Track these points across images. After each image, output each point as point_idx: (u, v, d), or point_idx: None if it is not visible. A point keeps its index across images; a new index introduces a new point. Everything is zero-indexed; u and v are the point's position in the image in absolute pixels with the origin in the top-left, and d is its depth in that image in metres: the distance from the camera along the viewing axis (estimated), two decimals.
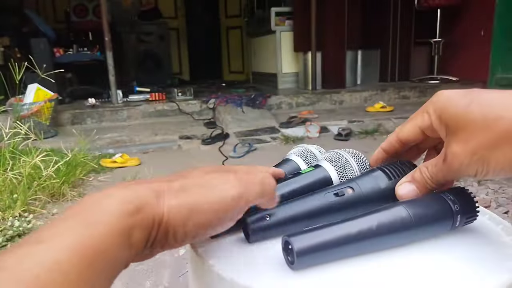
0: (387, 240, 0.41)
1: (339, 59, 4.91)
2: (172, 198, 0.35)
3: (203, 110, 4.38)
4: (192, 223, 0.35)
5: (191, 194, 0.35)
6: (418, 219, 0.41)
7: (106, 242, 0.29)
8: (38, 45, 4.44)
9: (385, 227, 0.40)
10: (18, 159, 2.24)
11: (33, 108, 3.43)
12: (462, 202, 0.43)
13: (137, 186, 0.34)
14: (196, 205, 0.35)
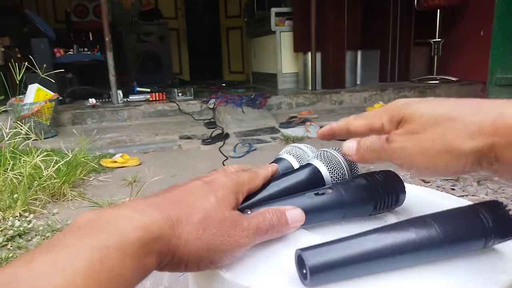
0: (410, 258, 0.38)
1: (339, 59, 4.91)
2: (191, 235, 0.36)
3: (203, 110, 4.39)
4: (207, 261, 0.37)
5: (210, 234, 0.37)
6: (447, 236, 0.38)
7: (120, 267, 0.30)
8: (38, 45, 4.45)
9: (410, 244, 0.37)
10: (19, 159, 2.24)
11: (33, 108, 3.43)
12: (497, 219, 0.39)
13: (154, 211, 0.35)
14: (214, 246, 0.37)
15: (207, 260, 0.37)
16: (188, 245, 0.35)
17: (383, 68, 5.44)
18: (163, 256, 0.34)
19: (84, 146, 2.59)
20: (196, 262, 0.36)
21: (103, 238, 0.30)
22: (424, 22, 5.29)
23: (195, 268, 0.37)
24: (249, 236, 0.39)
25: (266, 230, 0.41)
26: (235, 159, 2.92)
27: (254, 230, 0.40)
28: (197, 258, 0.36)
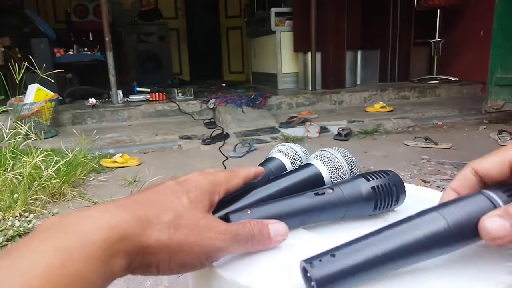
0: (420, 256, 0.36)
1: (338, 59, 4.91)
2: (162, 234, 0.34)
3: (203, 110, 4.39)
4: (178, 262, 0.35)
5: (182, 234, 0.35)
6: (458, 230, 0.36)
7: (82, 270, 0.28)
8: (38, 45, 4.44)
9: (418, 242, 0.36)
10: (19, 159, 2.24)
11: (33, 108, 3.42)
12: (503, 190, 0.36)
13: (122, 211, 0.33)
14: (185, 247, 0.35)
15: (179, 262, 0.36)
16: (159, 245, 0.34)
17: (383, 68, 5.44)
18: (132, 257, 0.32)
19: (84, 146, 2.59)
20: (167, 263, 0.35)
21: (66, 240, 0.29)
22: (424, 22, 5.30)
23: (167, 270, 0.36)
24: (226, 240, 0.38)
25: (246, 238, 0.39)
26: (235, 159, 2.92)
27: (232, 236, 0.38)
28: (168, 259, 0.35)
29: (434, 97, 4.91)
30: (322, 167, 0.51)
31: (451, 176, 2.31)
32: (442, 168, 2.48)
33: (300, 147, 0.58)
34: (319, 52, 4.89)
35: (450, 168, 2.46)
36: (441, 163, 2.58)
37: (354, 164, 0.53)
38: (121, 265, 0.32)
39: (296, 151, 0.57)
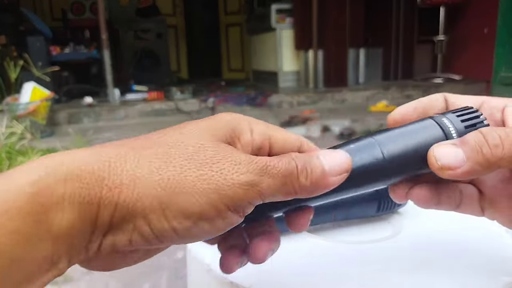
0: (354, 188, 0.31)
1: (341, 57, 4.92)
2: (142, 168, 0.24)
3: (202, 110, 4.36)
4: (177, 208, 0.24)
5: (175, 166, 0.25)
6: (395, 162, 0.30)
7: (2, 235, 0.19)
8: (34, 43, 4.44)
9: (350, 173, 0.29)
10: (15, 159, 2.23)
11: (29, 108, 3.40)
12: (462, 124, 0.31)
13: (82, 150, 0.24)
14: (183, 182, 0.24)
15: (179, 210, 0.24)
16: (138, 184, 0.23)
17: (386, 66, 5.45)
18: (92, 209, 0.22)
19: (80, 145, 2.54)
20: (158, 212, 0.23)
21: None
22: (427, 20, 5.29)
23: (161, 229, 0.24)
24: (249, 172, 0.26)
25: (283, 173, 0.27)
26: None
27: (260, 167, 0.26)
28: (159, 206, 0.23)
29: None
30: None
31: None
32: None
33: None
34: (320, 49, 4.89)
35: None
36: None
37: None
38: (74, 224, 0.22)
39: None
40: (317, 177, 0.28)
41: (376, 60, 5.43)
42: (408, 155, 0.30)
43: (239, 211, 0.26)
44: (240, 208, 0.26)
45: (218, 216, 0.25)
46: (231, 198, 0.25)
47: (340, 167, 0.28)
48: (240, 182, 0.25)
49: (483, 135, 0.28)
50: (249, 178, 0.26)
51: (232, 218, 0.26)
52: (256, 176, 0.26)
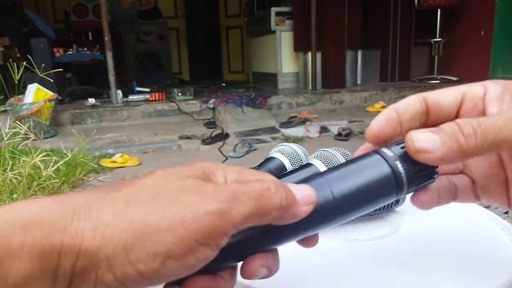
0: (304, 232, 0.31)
1: (339, 59, 4.90)
2: (106, 212, 0.23)
3: (203, 110, 4.38)
4: (141, 249, 0.23)
5: (140, 206, 0.24)
6: (343, 203, 0.30)
7: None
8: (38, 45, 4.43)
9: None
10: (18, 159, 2.23)
11: (33, 108, 3.42)
12: (408, 157, 0.31)
13: (45, 199, 0.24)
14: (147, 221, 0.23)
15: (140, 252, 0.23)
16: (101, 230, 0.22)
17: (384, 67, 5.44)
18: (53, 258, 0.21)
19: (83, 146, 2.58)
20: (122, 257, 0.22)
21: None
22: (424, 22, 5.29)
23: (126, 275, 0.23)
24: (216, 201, 0.25)
25: (256, 196, 0.26)
26: (235, 159, 2.91)
27: (228, 195, 0.25)
28: (119, 250, 0.22)
29: None
30: (322, 167, 0.50)
31: None
32: None
33: (300, 147, 0.57)
34: (319, 51, 4.88)
35: None
36: None
37: None
38: (27, 272, 0.21)
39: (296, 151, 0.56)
40: (291, 200, 0.28)
41: (374, 62, 5.45)
42: (357, 194, 0.30)
43: (210, 245, 0.25)
44: (211, 241, 0.24)
45: (187, 252, 0.24)
46: (199, 230, 0.24)
47: (308, 198, 0.29)
48: (207, 212, 0.24)
49: (458, 125, 0.29)
50: (216, 207, 0.25)
51: (203, 253, 0.24)
52: (224, 204, 0.25)
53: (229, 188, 0.26)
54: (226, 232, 0.25)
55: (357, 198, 0.30)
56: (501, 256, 0.41)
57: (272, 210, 0.27)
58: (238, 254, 0.29)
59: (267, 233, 0.29)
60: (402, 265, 0.40)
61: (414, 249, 0.43)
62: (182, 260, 0.24)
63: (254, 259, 0.29)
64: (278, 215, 0.27)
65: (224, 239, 0.25)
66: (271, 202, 0.27)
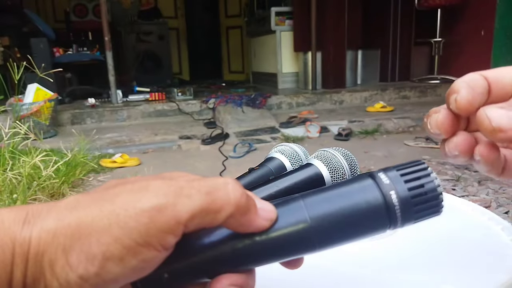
0: (277, 257, 0.29)
1: (339, 59, 4.91)
2: (49, 219, 0.23)
3: (203, 110, 4.38)
4: (80, 254, 0.22)
5: (80, 210, 0.23)
6: (321, 229, 0.27)
7: None
8: (37, 45, 4.43)
9: (274, 243, 0.28)
10: (18, 159, 2.23)
11: (32, 108, 3.42)
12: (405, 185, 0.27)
13: (4, 208, 0.24)
14: (84, 224, 0.22)
15: (78, 252, 0.22)
16: (43, 236, 0.22)
17: (384, 67, 5.44)
18: (7, 267, 0.22)
19: (83, 146, 2.58)
20: (61, 257, 0.22)
21: None
22: (424, 22, 5.29)
23: (67, 274, 0.22)
24: (157, 196, 0.24)
25: (207, 190, 0.25)
26: (235, 159, 2.91)
27: (174, 190, 0.24)
28: (59, 255, 0.22)
29: (435, 97, 4.89)
30: (322, 167, 0.50)
31: (452, 176, 2.30)
32: (443, 168, 2.47)
33: (300, 147, 0.57)
34: (319, 51, 4.88)
35: (451, 168, 2.45)
36: (442, 163, 2.57)
37: (354, 164, 0.52)
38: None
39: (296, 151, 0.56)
40: (251, 204, 0.26)
41: (374, 62, 5.45)
42: (338, 222, 0.27)
43: (153, 244, 0.23)
44: (153, 240, 0.23)
45: (127, 253, 0.22)
46: (135, 229, 0.22)
47: (267, 213, 0.27)
48: (143, 209, 0.23)
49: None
50: (155, 202, 0.23)
51: (146, 254, 0.23)
52: (166, 199, 0.23)
53: (177, 183, 0.25)
54: (170, 229, 0.23)
55: (338, 227, 0.27)
56: (501, 256, 0.41)
57: (227, 205, 0.25)
58: (206, 269, 0.27)
59: (237, 249, 0.27)
60: (402, 265, 0.40)
61: (415, 249, 0.43)
62: (123, 263, 0.22)
63: (222, 278, 0.27)
64: (235, 215, 0.25)
65: (169, 237, 0.23)
66: (226, 197, 0.25)
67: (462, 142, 0.30)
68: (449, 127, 0.31)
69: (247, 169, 0.55)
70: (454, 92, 0.31)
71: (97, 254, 0.22)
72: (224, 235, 0.27)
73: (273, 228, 0.27)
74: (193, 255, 0.27)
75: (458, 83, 0.31)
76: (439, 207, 0.28)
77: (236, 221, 0.26)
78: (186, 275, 0.27)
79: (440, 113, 0.31)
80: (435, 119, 0.31)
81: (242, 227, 0.26)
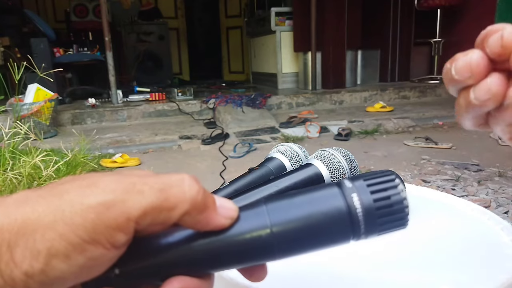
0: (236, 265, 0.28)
1: (339, 59, 4.91)
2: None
3: (203, 110, 4.38)
4: (25, 250, 0.22)
5: (26, 206, 0.23)
6: (282, 236, 0.26)
7: None
8: (38, 45, 4.44)
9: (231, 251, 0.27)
10: (18, 159, 2.23)
11: (33, 108, 3.42)
12: (371, 196, 0.27)
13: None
14: (29, 220, 0.22)
15: (22, 250, 0.22)
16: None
17: (383, 68, 5.44)
18: None
19: (83, 146, 2.58)
20: (3, 263, 0.22)
21: None
22: (424, 22, 5.29)
23: (13, 272, 0.22)
24: (105, 192, 0.23)
25: (160, 186, 0.24)
26: (235, 159, 2.91)
27: (125, 186, 0.24)
28: (4, 252, 0.22)
29: (435, 97, 4.90)
30: (322, 167, 0.50)
31: (451, 177, 2.30)
32: (443, 168, 2.47)
33: (300, 147, 0.58)
34: (319, 51, 4.88)
35: (451, 168, 2.45)
36: (441, 163, 2.57)
37: (354, 164, 0.52)
38: None
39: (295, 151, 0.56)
40: (209, 202, 0.26)
41: (374, 62, 5.45)
42: (301, 229, 0.26)
43: (100, 242, 0.22)
44: (100, 237, 0.22)
45: (73, 250, 0.22)
46: (81, 225, 0.22)
47: (228, 211, 0.27)
48: (90, 205, 0.22)
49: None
50: (102, 198, 0.22)
51: (93, 251, 0.22)
52: (114, 195, 0.23)
53: (129, 179, 0.24)
54: (119, 227, 0.22)
55: (300, 234, 0.26)
56: (501, 256, 0.41)
57: (182, 203, 0.24)
58: (158, 271, 0.26)
59: (193, 251, 0.26)
60: (402, 265, 0.40)
61: (414, 249, 0.43)
62: (69, 260, 0.22)
63: (173, 280, 0.26)
64: (191, 212, 0.25)
65: (118, 235, 0.23)
66: (181, 194, 0.24)
67: (497, 82, 0.28)
68: (484, 68, 0.29)
69: (247, 169, 0.55)
70: (494, 32, 0.29)
71: (41, 250, 0.21)
72: (181, 236, 0.26)
73: (232, 231, 0.26)
74: (147, 255, 0.26)
75: (494, 26, 0.29)
76: (404, 220, 0.27)
77: (192, 219, 0.25)
78: (138, 276, 0.26)
79: (473, 53, 0.30)
80: (467, 61, 0.29)
81: (199, 224, 0.25)
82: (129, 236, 0.23)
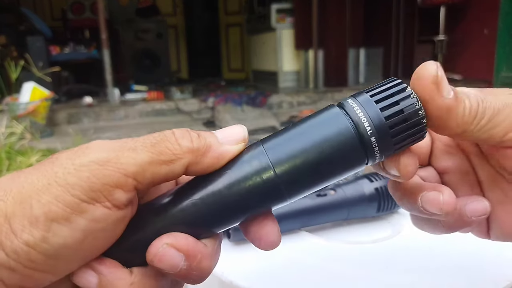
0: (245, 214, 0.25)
1: (341, 57, 4.93)
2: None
3: (202, 109, 4.36)
4: (23, 218, 0.21)
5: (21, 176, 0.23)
6: (287, 175, 0.24)
7: None
8: (34, 43, 4.45)
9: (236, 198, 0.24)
10: (14, 159, 2.23)
11: (29, 108, 3.40)
12: (381, 113, 0.24)
13: None
14: (24, 188, 0.22)
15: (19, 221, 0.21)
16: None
17: (386, 66, 5.45)
18: None
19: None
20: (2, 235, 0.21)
21: None
22: (427, 20, 5.28)
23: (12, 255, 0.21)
24: (97, 152, 0.23)
25: (152, 141, 0.25)
26: None
27: (118, 145, 0.24)
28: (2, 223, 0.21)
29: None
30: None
31: None
32: None
33: None
34: (321, 49, 4.90)
35: None
36: None
37: None
38: None
39: None
40: (209, 141, 0.25)
41: (376, 60, 5.44)
42: (303, 163, 0.24)
43: (99, 200, 0.22)
44: (98, 196, 0.22)
45: (71, 212, 0.21)
46: (76, 184, 0.21)
47: (234, 135, 0.25)
48: (83, 163, 0.22)
49: None
50: (95, 156, 0.22)
51: (93, 211, 0.22)
52: (108, 153, 0.22)
53: (119, 141, 0.24)
54: (117, 183, 0.22)
55: (303, 168, 0.23)
56: (502, 257, 0.42)
57: (179, 153, 0.24)
58: (159, 234, 0.24)
59: (191, 204, 0.24)
60: (404, 267, 0.41)
61: (417, 250, 0.44)
62: (70, 223, 0.21)
63: (163, 236, 0.24)
64: (194, 160, 0.24)
65: (117, 192, 0.22)
66: (176, 145, 0.24)
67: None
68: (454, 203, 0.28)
69: None
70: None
71: (39, 215, 0.21)
72: (181, 191, 0.25)
73: (229, 176, 0.24)
74: (150, 218, 0.24)
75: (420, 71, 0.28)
76: (422, 133, 0.25)
77: (200, 165, 0.24)
78: (145, 241, 0.24)
79: (443, 193, 0.28)
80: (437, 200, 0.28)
81: (210, 166, 0.24)
82: (129, 195, 0.23)
